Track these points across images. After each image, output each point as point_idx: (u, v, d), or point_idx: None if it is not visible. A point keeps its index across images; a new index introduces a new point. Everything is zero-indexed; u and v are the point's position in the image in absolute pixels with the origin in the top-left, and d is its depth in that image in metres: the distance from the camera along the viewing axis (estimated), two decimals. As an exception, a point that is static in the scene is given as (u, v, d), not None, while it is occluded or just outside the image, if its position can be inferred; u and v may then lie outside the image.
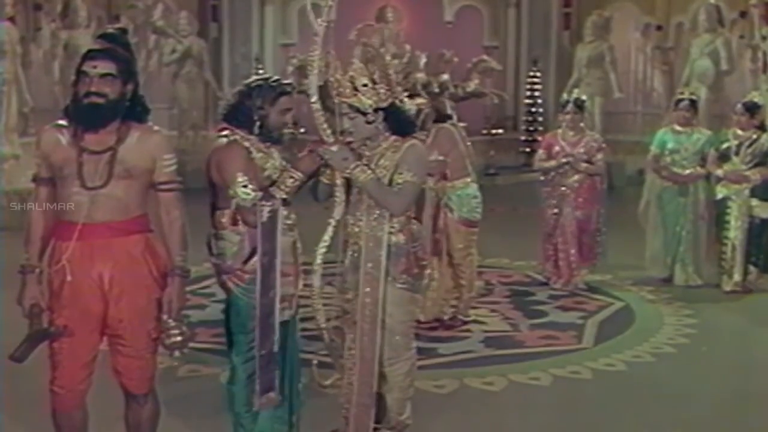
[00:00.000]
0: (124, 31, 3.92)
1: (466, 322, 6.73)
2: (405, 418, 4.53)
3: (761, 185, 7.67)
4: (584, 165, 7.78)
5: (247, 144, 4.15)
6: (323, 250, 4.20)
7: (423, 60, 14.90)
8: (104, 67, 3.65)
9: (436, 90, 14.65)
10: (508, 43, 16.17)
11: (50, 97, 12.95)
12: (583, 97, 8.26)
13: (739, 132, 7.73)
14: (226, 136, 4.25)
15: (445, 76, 14.82)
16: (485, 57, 14.94)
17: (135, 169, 3.72)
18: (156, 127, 3.87)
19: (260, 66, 15.07)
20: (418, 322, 5.48)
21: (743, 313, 7.32)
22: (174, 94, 14.49)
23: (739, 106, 7.73)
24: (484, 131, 14.98)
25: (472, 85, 14.88)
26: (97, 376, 3.90)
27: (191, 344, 6.31)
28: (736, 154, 7.69)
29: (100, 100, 3.64)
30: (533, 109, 15.35)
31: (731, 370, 6.02)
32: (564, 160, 7.70)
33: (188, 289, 7.68)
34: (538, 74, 15.40)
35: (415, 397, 5.15)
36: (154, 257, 3.83)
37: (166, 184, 3.84)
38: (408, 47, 15.04)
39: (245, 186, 3.99)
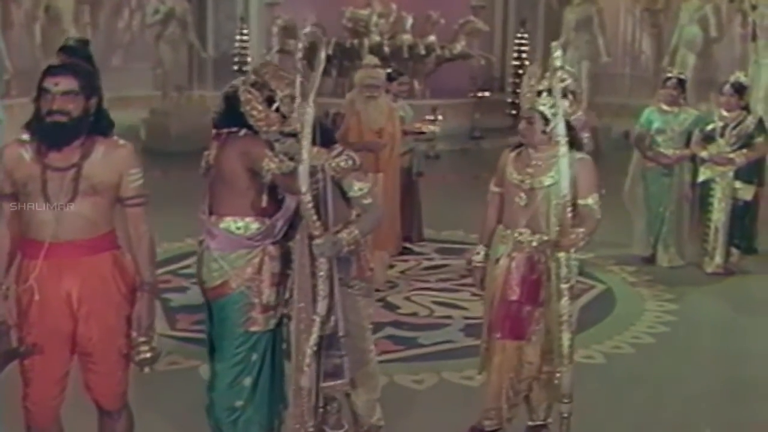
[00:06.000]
0: (85, 42, 3.83)
1: None
2: (376, 420, 4.57)
3: (745, 167, 7.64)
4: None
5: None
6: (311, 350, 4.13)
7: (409, 21, 14.79)
8: (66, 84, 3.57)
9: (423, 52, 14.58)
10: (495, 3, 15.96)
11: (32, 58, 12.79)
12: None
13: (725, 113, 7.67)
14: (236, 132, 4.22)
15: (432, 38, 14.75)
16: (472, 18, 14.83)
17: (101, 185, 3.66)
18: (121, 141, 3.79)
19: (245, 26, 14.89)
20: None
21: (724, 299, 7.33)
22: (157, 55, 14.28)
23: (728, 86, 7.65)
24: (471, 93, 14.84)
25: (458, 47, 14.81)
26: (71, 391, 3.87)
27: (172, 332, 6.41)
28: (722, 135, 7.64)
29: (63, 119, 3.56)
30: (521, 71, 15.18)
31: (710, 362, 6.04)
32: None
33: (169, 269, 7.82)
34: (526, 36, 15.23)
35: (394, 393, 5.22)
36: (123, 274, 3.79)
37: (133, 199, 3.78)
38: (394, 6, 14.92)
39: (276, 157, 4.06)
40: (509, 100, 15.36)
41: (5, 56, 11.74)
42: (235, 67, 14.68)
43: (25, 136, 3.67)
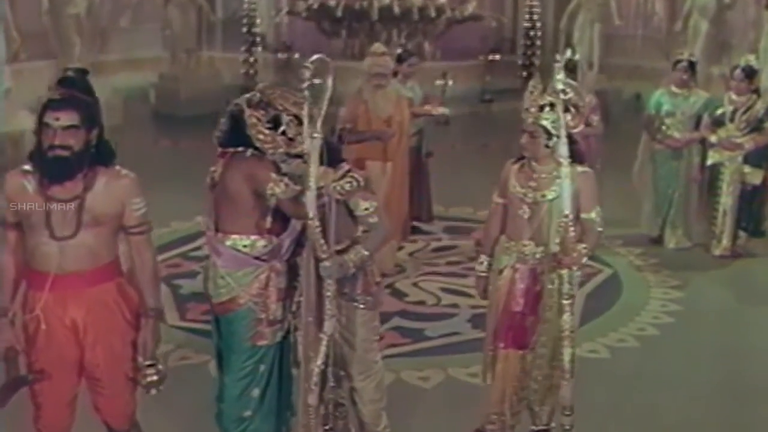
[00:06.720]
0: (84, 72, 3.81)
1: None
2: (382, 429, 4.64)
3: (754, 152, 7.61)
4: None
5: None
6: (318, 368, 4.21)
7: (419, -17, 14.62)
8: (67, 118, 3.57)
9: (433, 13, 14.45)
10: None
11: (39, 23, 12.73)
12: (576, 57, 8.08)
13: (734, 97, 7.63)
14: (242, 152, 4.21)
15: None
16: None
17: (103, 216, 3.69)
18: (123, 171, 3.79)
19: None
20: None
21: (730, 286, 7.33)
22: (166, 18, 14.21)
23: (738, 71, 7.59)
24: (481, 55, 14.73)
25: (469, 8, 14.68)
26: (82, 410, 3.97)
27: (182, 323, 6.47)
28: (731, 120, 7.60)
29: (65, 153, 3.57)
30: (532, 33, 15.09)
31: (713, 358, 6.03)
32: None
33: (179, 251, 7.86)
34: (538, -3, 15.11)
35: (400, 392, 5.28)
36: (127, 301, 3.85)
37: (136, 227, 3.81)
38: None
39: (281, 181, 4.07)
40: (520, 61, 15.28)
41: (12, 28, 11.67)
42: (245, 30, 14.64)
43: (28, 167, 3.69)
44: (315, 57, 3.90)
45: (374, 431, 4.62)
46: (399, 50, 8.23)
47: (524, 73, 15.11)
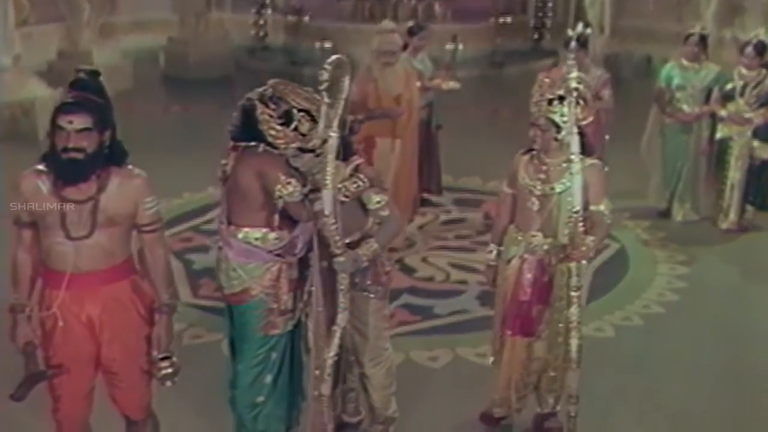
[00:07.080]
0: (96, 73, 3.84)
1: None
2: (391, 413, 4.78)
3: (763, 126, 7.62)
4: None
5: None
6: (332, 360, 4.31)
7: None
8: (80, 121, 3.61)
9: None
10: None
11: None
12: (588, 31, 8.04)
13: (745, 72, 7.62)
14: (254, 147, 4.27)
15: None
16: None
17: (117, 216, 3.76)
18: (136, 171, 3.85)
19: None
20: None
21: (736, 262, 7.38)
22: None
23: (750, 48, 7.56)
24: (492, 17, 14.64)
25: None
26: (100, 399, 4.08)
27: (194, 299, 6.54)
28: (741, 94, 7.60)
29: (79, 155, 3.63)
30: (543, -6, 15.01)
31: (716, 341, 6.06)
32: None
33: (191, 224, 7.90)
34: (549, -43, 14.97)
35: (410, 373, 5.38)
36: (141, 297, 3.95)
37: (148, 226, 3.89)
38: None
39: (289, 183, 4.13)
40: (532, 23, 15.18)
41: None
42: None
43: (42, 166, 3.74)
44: (333, 58, 3.94)
45: (384, 415, 4.75)
46: (410, 24, 8.23)
47: (535, 35, 15.06)
